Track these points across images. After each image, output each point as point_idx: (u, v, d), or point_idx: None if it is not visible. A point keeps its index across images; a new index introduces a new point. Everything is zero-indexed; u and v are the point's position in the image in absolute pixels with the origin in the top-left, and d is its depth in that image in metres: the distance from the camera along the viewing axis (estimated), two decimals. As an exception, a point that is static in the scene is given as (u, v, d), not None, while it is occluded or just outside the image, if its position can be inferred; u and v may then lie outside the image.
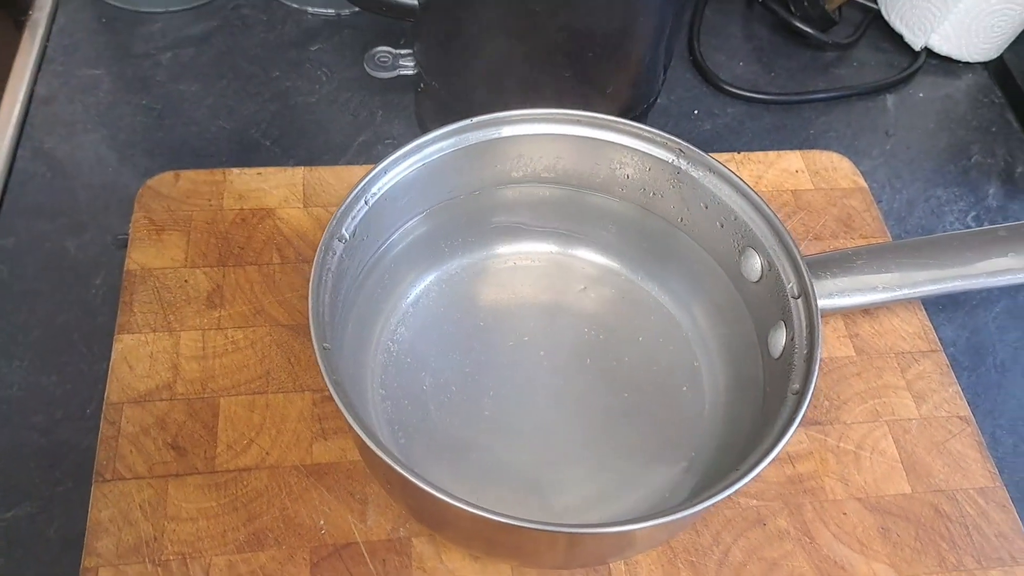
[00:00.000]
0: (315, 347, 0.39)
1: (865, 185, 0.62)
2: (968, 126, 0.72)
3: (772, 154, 0.63)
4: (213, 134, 0.63)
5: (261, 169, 0.57)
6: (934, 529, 0.48)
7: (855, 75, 0.74)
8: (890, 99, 0.73)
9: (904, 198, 0.67)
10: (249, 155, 0.62)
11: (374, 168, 0.44)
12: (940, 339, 0.55)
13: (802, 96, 0.72)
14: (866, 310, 0.55)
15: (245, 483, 0.46)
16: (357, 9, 0.70)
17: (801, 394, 0.40)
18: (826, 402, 0.52)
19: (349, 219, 0.43)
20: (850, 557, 0.46)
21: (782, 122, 0.70)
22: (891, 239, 0.59)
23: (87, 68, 0.66)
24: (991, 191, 0.68)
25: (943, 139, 0.71)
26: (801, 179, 0.62)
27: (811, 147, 0.67)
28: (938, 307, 0.59)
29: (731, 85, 0.71)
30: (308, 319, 0.39)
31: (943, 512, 0.48)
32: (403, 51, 0.62)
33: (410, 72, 0.62)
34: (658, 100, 0.67)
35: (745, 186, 0.46)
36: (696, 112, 0.70)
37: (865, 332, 0.55)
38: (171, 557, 0.43)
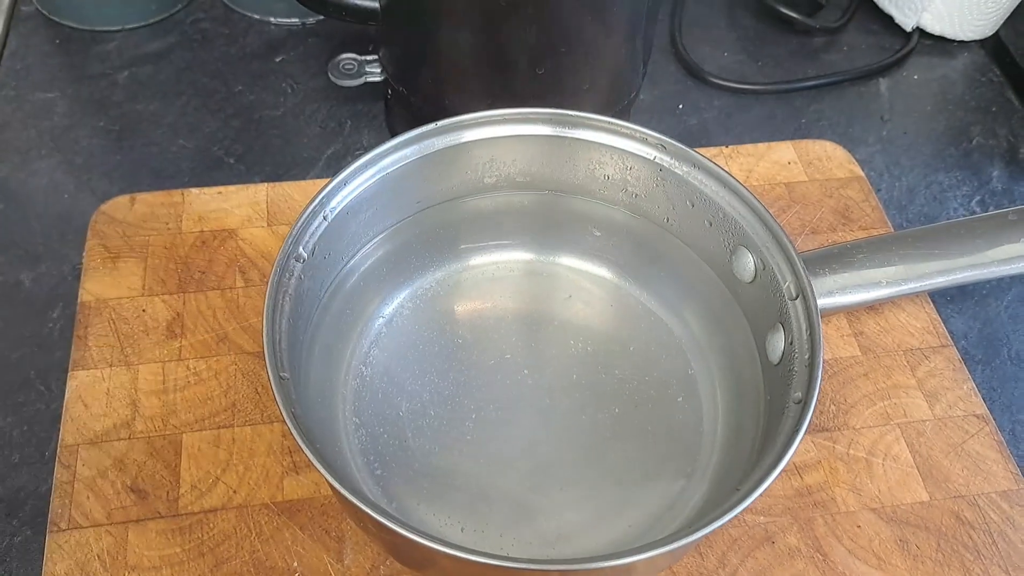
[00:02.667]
0: (270, 377, 0.35)
1: (862, 173, 0.59)
2: (967, 107, 0.69)
3: (762, 146, 0.60)
4: (174, 154, 0.60)
5: (221, 188, 0.54)
6: (956, 539, 0.44)
7: (845, 60, 0.71)
8: (883, 83, 0.70)
9: (904, 185, 0.63)
10: (212, 173, 0.59)
11: (331, 181, 0.41)
12: (950, 332, 0.52)
13: (791, 84, 0.68)
14: (871, 306, 0.52)
15: (211, 525, 0.42)
16: (322, 17, 0.67)
17: (804, 403, 0.36)
18: (832, 407, 0.48)
19: (307, 237, 0.40)
20: (867, 574, 0.43)
21: (772, 112, 0.67)
22: (892, 229, 0.56)
23: (41, 91, 0.63)
24: (995, 173, 0.64)
25: (941, 122, 0.68)
26: (794, 171, 0.58)
27: (803, 137, 0.64)
28: (946, 299, 0.56)
29: (717, 77, 0.68)
30: (263, 347, 0.36)
31: (965, 520, 0.45)
32: (369, 57, 0.59)
33: (377, 79, 0.59)
34: (640, 96, 0.63)
35: (733, 180, 0.43)
36: (681, 107, 0.67)
37: (870, 329, 0.51)
38: (132, 611, 0.40)
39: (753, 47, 0.71)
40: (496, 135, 0.45)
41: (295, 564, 0.41)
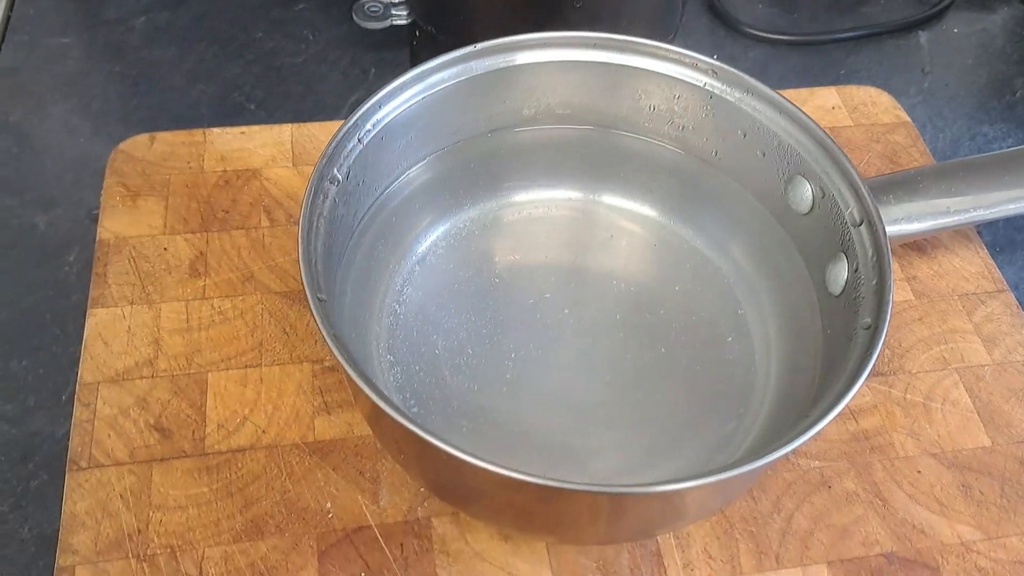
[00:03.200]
0: (309, 297, 0.33)
1: (908, 119, 0.57)
2: (1009, 60, 0.67)
3: (805, 91, 0.57)
4: (193, 99, 0.58)
5: (244, 128, 0.52)
6: (1021, 484, 0.42)
7: (883, 12, 0.69)
8: (923, 36, 0.68)
9: (948, 137, 0.61)
10: (232, 120, 0.57)
11: (367, 100, 0.39)
12: (1004, 281, 0.50)
13: (829, 36, 0.66)
14: (922, 250, 0.50)
15: (240, 465, 0.40)
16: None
17: (876, 328, 0.34)
18: (887, 351, 0.46)
19: (341, 159, 0.38)
20: (929, 520, 0.41)
21: (809, 64, 0.65)
22: (941, 175, 0.54)
23: (55, 37, 0.61)
24: (1041, 125, 0.62)
25: (983, 75, 0.66)
26: (839, 116, 0.56)
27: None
28: (995, 248, 0.54)
29: (752, 27, 0.66)
30: (300, 272, 0.34)
31: (1029, 465, 0.43)
32: (396, -2, 0.57)
33: (404, 21, 0.57)
34: (674, 43, 0.61)
35: (790, 105, 0.41)
36: (716, 57, 0.64)
37: (923, 274, 0.49)
38: (158, 551, 0.38)
39: (788, -1, 0.69)
40: (539, 60, 0.42)
41: (328, 505, 0.39)
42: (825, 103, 0.57)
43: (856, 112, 0.56)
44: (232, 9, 0.63)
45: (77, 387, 0.42)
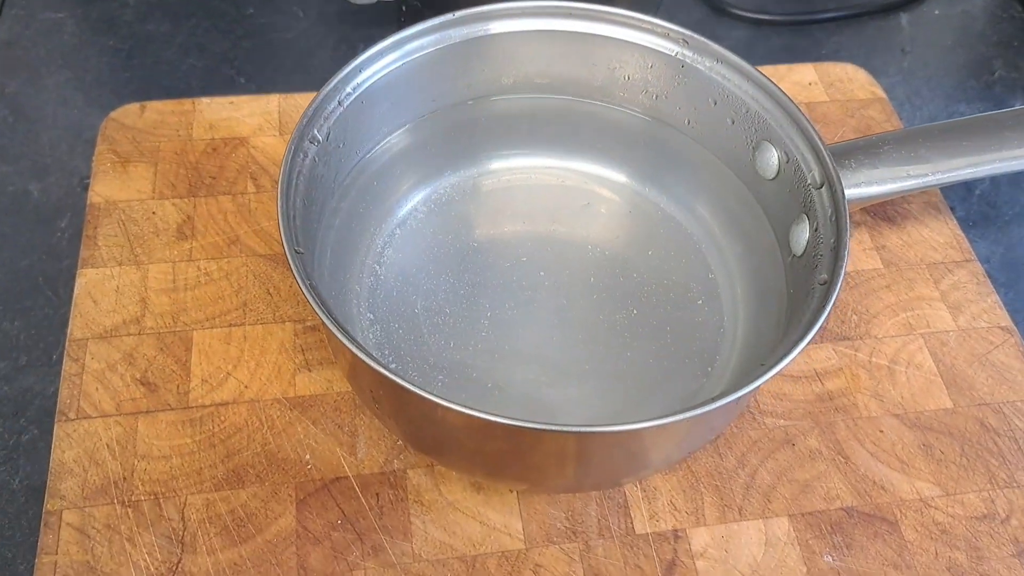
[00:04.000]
0: (286, 249, 0.35)
1: (884, 95, 0.58)
2: (988, 42, 0.68)
3: (783, 67, 0.59)
4: (184, 72, 0.59)
5: (233, 98, 0.53)
6: (981, 444, 0.43)
7: (865, -7, 0.70)
8: (904, 17, 0.69)
9: (925, 115, 0.62)
10: (223, 92, 0.58)
11: (348, 64, 0.40)
12: (973, 252, 0.51)
13: (811, 16, 0.67)
14: (892, 220, 0.51)
15: (222, 418, 0.41)
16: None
17: (830, 284, 0.36)
18: (854, 316, 0.47)
19: (321, 120, 0.39)
20: (890, 476, 0.42)
21: (792, 44, 0.66)
22: (915, 150, 0.55)
23: (50, 11, 0.62)
24: (1017, 105, 0.63)
25: (962, 55, 0.67)
26: (815, 91, 0.57)
27: (823, 65, 0.63)
28: (968, 223, 0.55)
29: (735, 7, 0.67)
30: (278, 218, 0.35)
31: (989, 426, 0.44)
32: (383, -27, 0.58)
33: (391, -3, 0.58)
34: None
35: (757, 73, 0.42)
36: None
37: (892, 244, 0.50)
38: (142, 497, 0.39)
39: (771, -21, 0.70)
40: (516, 29, 0.44)
41: (307, 456, 0.41)
42: (802, 79, 0.58)
43: (832, 88, 0.57)
44: (224, -15, 0.65)
45: (67, 343, 0.43)
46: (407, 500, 0.40)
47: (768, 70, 0.58)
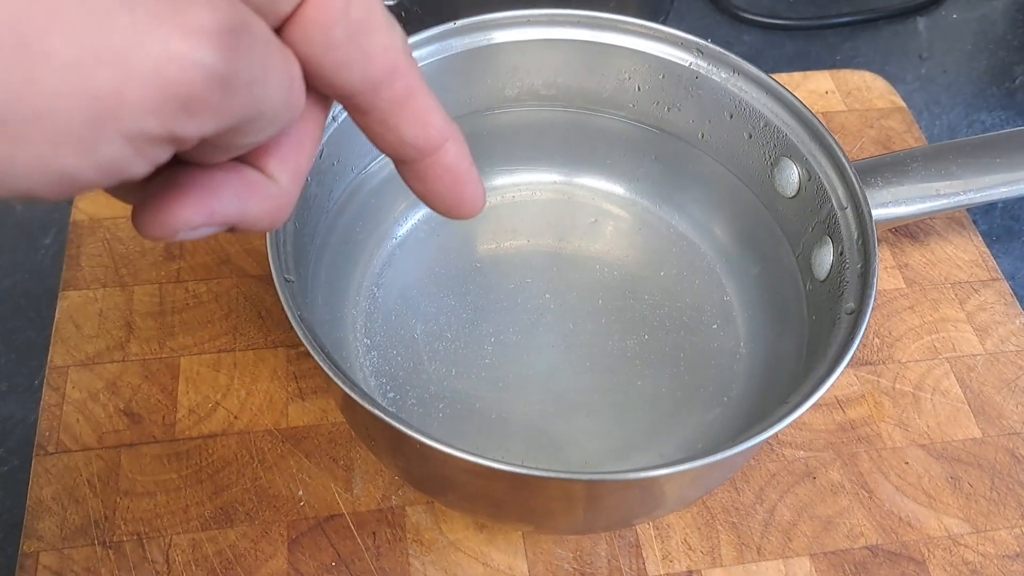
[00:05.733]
0: (275, 279, 0.32)
1: (903, 104, 0.55)
2: (1009, 47, 0.65)
3: (798, 75, 0.56)
4: (176, 80, 0.57)
5: (225, 108, 0.51)
6: (1012, 476, 0.41)
7: (881, -2, 0.68)
8: (921, 22, 0.67)
9: (945, 123, 0.60)
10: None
11: (343, 77, 0.38)
12: (998, 269, 0.49)
13: (825, 21, 0.65)
14: (914, 237, 0.49)
15: (210, 451, 0.39)
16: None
17: (858, 313, 0.33)
18: (876, 340, 0.45)
19: (316, 136, 0.37)
20: (916, 512, 0.40)
21: (805, 49, 0.64)
22: (936, 161, 0.53)
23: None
24: (1041, 113, 0.61)
25: (982, 61, 0.64)
26: (832, 100, 0.55)
27: (839, 72, 0.60)
28: (991, 238, 0.53)
29: (746, 11, 0.64)
30: (267, 245, 0.33)
31: (1020, 457, 0.42)
32: (382, -22, 0.56)
33: (390, 2, 0.56)
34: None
35: (777, 85, 0.40)
36: (709, 41, 0.63)
37: (915, 262, 0.48)
38: (125, 538, 0.37)
39: (784, -18, 0.68)
40: (521, 38, 0.41)
41: (300, 493, 0.38)
42: (819, 87, 0.55)
43: (850, 97, 0.55)
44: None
45: (47, 370, 0.41)
46: (406, 539, 0.37)
47: (782, 78, 0.56)
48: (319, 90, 0.21)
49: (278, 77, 0.18)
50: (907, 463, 0.41)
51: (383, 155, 0.43)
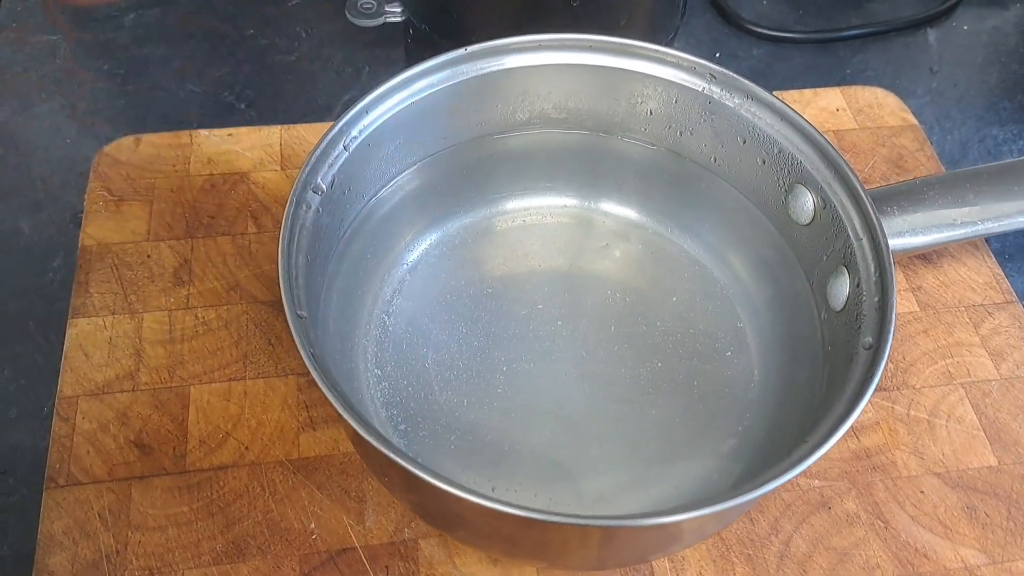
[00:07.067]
0: (288, 315, 0.32)
1: (915, 121, 0.55)
2: (1021, 59, 0.65)
3: (808, 92, 0.56)
4: (182, 99, 0.56)
5: (232, 130, 0.51)
6: (1028, 505, 0.41)
7: (891, 9, 0.67)
8: (932, 34, 0.66)
9: (956, 139, 0.60)
10: (223, 120, 0.55)
11: (353, 106, 0.38)
12: (1012, 290, 0.48)
13: (834, 33, 0.64)
14: (928, 259, 0.48)
15: (222, 484, 0.39)
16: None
17: (877, 348, 0.33)
18: (890, 365, 0.45)
19: (325, 167, 0.37)
20: (933, 543, 0.39)
21: (814, 62, 0.63)
22: (949, 180, 0.52)
23: (42, 34, 0.59)
24: (1053, 128, 0.60)
25: (994, 74, 0.64)
26: (843, 118, 0.55)
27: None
28: (1004, 256, 0.52)
29: (755, 24, 0.64)
30: (279, 281, 0.32)
31: (1037, 485, 0.41)
32: (389, -5, 0.55)
33: (398, 19, 0.55)
34: (675, 41, 0.60)
35: (791, 112, 0.39)
36: (718, 55, 0.63)
37: (929, 284, 0.48)
38: (137, 573, 0.37)
39: (793, -6, 0.67)
40: (532, 63, 0.41)
41: (312, 526, 0.38)
42: (829, 105, 0.55)
43: (861, 114, 0.55)
44: (223, 6, 0.62)
45: (56, 400, 0.41)
46: (419, 573, 0.37)
47: (793, 95, 0.55)
48: None
49: None
50: (923, 492, 0.41)
51: (393, 181, 0.43)
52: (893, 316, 0.33)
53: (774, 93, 0.52)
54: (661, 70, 0.41)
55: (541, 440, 0.40)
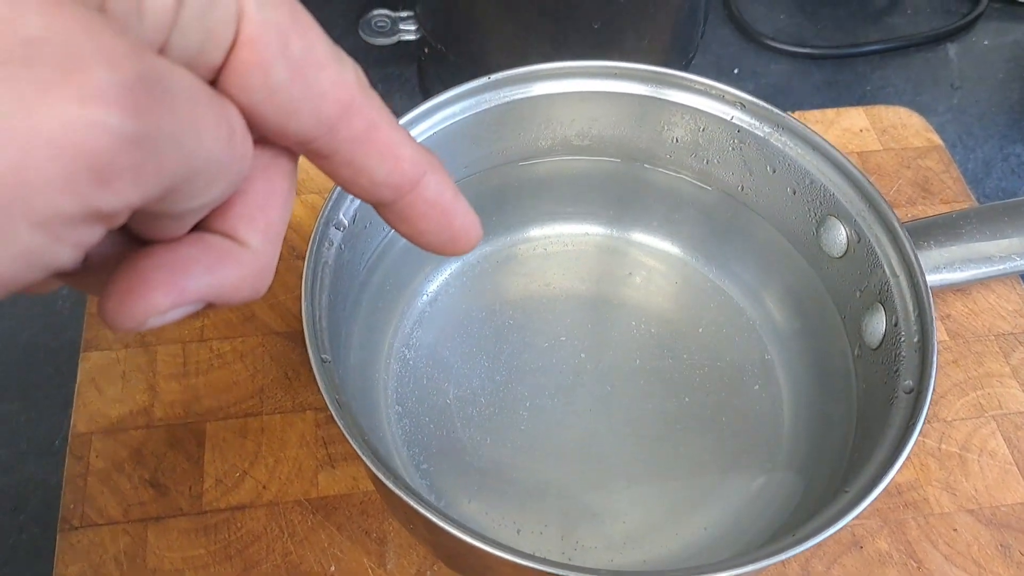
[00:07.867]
0: (312, 361, 0.31)
1: (940, 142, 0.54)
2: (1043, 75, 0.64)
3: (831, 112, 0.55)
4: (192, 118, 0.55)
5: (246, 153, 0.50)
6: (1064, 544, 0.40)
7: (910, 24, 0.66)
8: (952, 49, 0.65)
9: (979, 157, 0.59)
10: (234, 140, 0.54)
11: (376, 139, 0.36)
12: (1041, 316, 0.47)
13: (854, 49, 0.64)
14: (958, 288, 0.47)
15: (239, 524, 0.38)
16: (350, -29, 0.62)
17: (919, 392, 0.32)
18: (920, 396, 0.44)
19: (347, 202, 0.36)
20: (967, 583, 0.38)
21: (834, 78, 0.62)
22: (975, 203, 0.51)
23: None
24: (1077, 146, 0.60)
25: (1016, 90, 0.63)
26: (867, 139, 0.54)
27: (870, 104, 0.59)
28: (1030, 280, 0.51)
29: (774, 40, 0.63)
30: (302, 315, 0.31)
31: (1072, 522, 0.40)
32: (403, 14, 0.54)
33: (412, 37, 0.54)
34: (695, 59, 0.59)
35: (823, 142, 0.38)
36: (737, 71, 0.62)
37: (958, 312, 0.47)
38: (152, 620, 0.36)
39: (811, 8, 0.66)
40: (556, 91, 0.40)
41: (332, 568, 0.37)
42: (852, 125, 0.54)
43: (885, 135, 0.54)
44: (233, 22, 0.61)
45: (70, 438, 0.40)
46: (443, 618, 0.36)
47: (815, 115, 0.54)
48: (272, 141, 0.18)
49: (212, 128, 0.16)
50: (955, 530, 0.40)
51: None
52: (935, 359, 0.32)
53: (796, 112, 0.52)
54: (688, 98, 0.40)
55: (566, 479, 0.39)
